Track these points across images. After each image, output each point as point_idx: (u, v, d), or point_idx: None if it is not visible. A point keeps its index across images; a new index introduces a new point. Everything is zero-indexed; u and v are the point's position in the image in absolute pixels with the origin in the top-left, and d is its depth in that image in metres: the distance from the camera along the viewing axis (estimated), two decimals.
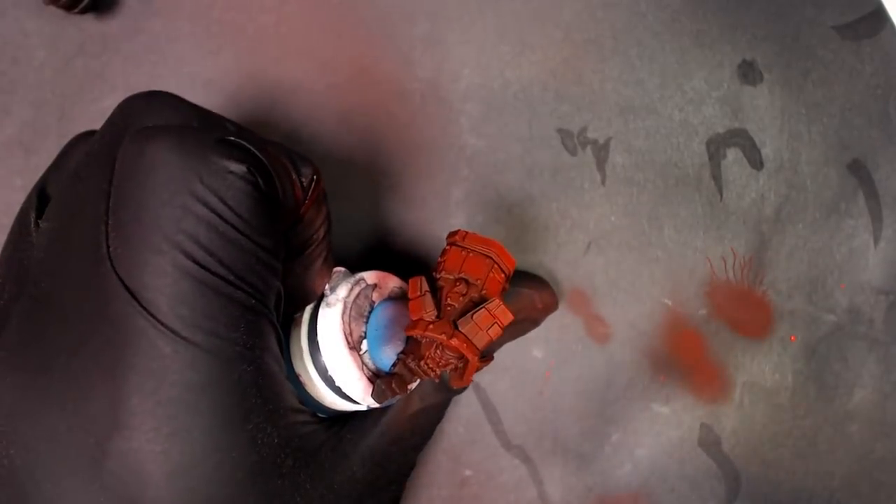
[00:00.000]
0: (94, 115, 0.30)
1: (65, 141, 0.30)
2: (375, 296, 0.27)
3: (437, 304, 0.24)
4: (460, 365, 0.24)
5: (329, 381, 0.25)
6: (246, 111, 0.31)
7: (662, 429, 0.36)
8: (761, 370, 0.37)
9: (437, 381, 0.25)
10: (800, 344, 0.37)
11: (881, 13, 0.36)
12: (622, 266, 0.35)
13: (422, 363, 0.24)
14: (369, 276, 0.27)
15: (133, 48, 0.30)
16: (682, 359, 0.35)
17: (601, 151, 0.34)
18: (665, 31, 0.34)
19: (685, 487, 0.36)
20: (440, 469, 0.34)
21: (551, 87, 0.33)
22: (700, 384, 0.36)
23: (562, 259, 0.34)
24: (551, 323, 0.34)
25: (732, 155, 0.35)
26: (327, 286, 0.26)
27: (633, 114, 0.34)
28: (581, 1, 0.34)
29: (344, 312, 0.25)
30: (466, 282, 0.25)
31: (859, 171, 0.37)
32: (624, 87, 0.34)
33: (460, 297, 0.24)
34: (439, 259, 0.26)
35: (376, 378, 0.26)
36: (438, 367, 0.24)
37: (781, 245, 0.36)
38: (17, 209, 0.29)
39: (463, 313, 0.24)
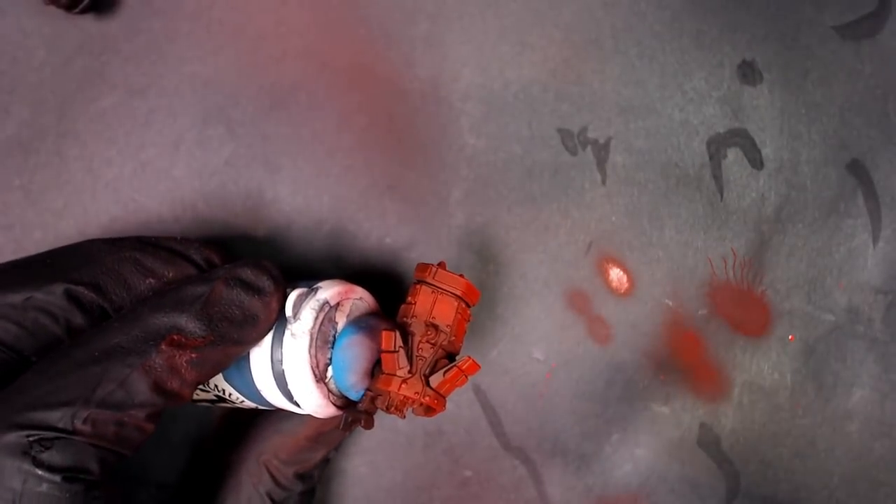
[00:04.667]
0: (94, 115, 0.30)
1: (65, 141, 0.30)
2: (338, 317, 0.27)
3: (410, 357, 0.25)
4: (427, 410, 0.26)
5: (287, 394, 0.26)
6: (246, 111, 0.31)
7: (662, 428, 0.36)
8: (760, 370, 0.37)
9: (403, 418, 0.26)
10: (799, 343, 0.37)
11: (881, 13, 0.36)
12: (623, 266, 0.35)
13: (391, 410, 0.25)
14: (330, 295, 0.26)
15: (133, 48, 0.30)
16: (682, 359, 0.35)
17: (601, 151, 0.34)
18: (665, 31, 0.34)
19: (685, 487, 0.36)
20: (440, 470, 0.34)
21: (551, 87, 0.33)
22: (700, 384, 0.36)
23: (562, 259, 0.34)
24: (553, 324, 0.34)
25: (733, 155, 0.36)
26: (289, 309, 0.25)
27: (633, 114, 0.34)
28: (581, 1, 0.33)
29: (311, 346, 0.25)
30: (436, 328, 0.26)
31: (858, 171, 0.37)
32: (624, 87, 0.34)
33: (430, 346, 0.26)
34: (409, 299, 0.27)
35: (343, 404, 0.27)
36: (406, 407, 0.25)
37: (781, 245, 0.36)
38: (15, 209, 0.29)
39: (433, 365, 0.25)
